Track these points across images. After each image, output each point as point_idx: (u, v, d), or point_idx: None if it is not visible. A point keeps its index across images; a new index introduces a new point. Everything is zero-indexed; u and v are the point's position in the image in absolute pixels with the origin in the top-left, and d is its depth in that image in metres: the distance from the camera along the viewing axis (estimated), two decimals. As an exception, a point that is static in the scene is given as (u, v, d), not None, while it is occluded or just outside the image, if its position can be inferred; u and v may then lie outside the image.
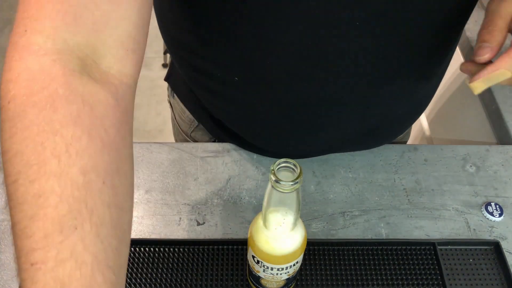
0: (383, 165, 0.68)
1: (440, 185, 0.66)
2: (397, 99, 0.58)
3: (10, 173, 0.33)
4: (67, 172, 0.32)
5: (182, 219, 0.61)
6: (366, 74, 0.51)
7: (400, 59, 0.51)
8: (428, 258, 0.58)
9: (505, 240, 0.60)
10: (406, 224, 0.61)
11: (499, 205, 0.63)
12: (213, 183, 0.65)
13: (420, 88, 0.58)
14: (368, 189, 0.65)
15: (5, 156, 0.34)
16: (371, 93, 0.54)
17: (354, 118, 0.58)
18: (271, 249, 0.45)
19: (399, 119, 0.63)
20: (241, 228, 0.60)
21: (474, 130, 0.93)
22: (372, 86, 0.53)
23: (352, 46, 0.48)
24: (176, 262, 0.57)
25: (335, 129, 0.60)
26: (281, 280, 0.49)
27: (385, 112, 0.59)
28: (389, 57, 0.50)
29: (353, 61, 0.49)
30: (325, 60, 0.49)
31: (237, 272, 0.56)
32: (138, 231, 0.60)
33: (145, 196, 0.63)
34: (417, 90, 0.58)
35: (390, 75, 0.53)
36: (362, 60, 0.49)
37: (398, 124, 0.66)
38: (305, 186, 0.65)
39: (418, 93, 0.59)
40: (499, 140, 0.79)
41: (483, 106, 0.86)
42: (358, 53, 0.48)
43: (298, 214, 0.43)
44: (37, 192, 0.32)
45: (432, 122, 1.18)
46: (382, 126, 0.62)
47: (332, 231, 0.60)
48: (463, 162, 0.68)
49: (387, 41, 0.48)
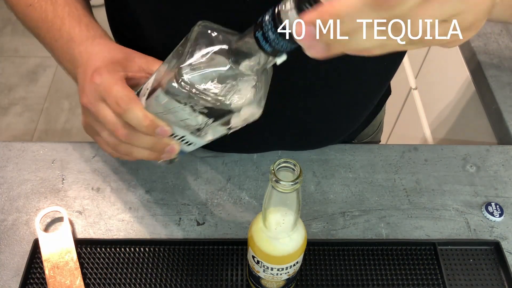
0: (383, 165, 0.68)
1: (440, 185, 0.65)
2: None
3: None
4: None
5: (182, 219, 0.61)
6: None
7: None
8: (428, 258, 0.58)
9: (505, 240, 0.60)
10: (406, 224, 0.61)
11: (499, 205, 0.63)
12: (213, 183, 0.65)
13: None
14: (368, 189, 0.65)
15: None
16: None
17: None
18: (271, 249, 0.45)
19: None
20: (241, 228, 0.60)
21: (474, 130, 0.93)
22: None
23: None
24: (176, 262, 0.57)
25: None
26: (281, 280, 0.49)
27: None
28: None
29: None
30: None
31: (237, 272, 0.56)
32: (138, 231, 0.60)
33: (145, 196, 0.63)
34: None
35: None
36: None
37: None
38: (305, 186, 0.65)
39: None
40: (499, 140, 0.79)
41: (483, 106, 0.86)
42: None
43: (298, 214, 0.43)
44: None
45: (432, 122, 1.18)
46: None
47: (332, 231, 0.60)
48: (464, 162, 0.68)
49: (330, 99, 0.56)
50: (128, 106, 0.42)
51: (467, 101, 0.98)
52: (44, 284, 0.54)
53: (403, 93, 1.35)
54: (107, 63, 0.46)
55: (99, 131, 0.48)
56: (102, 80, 0.44)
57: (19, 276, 0.55)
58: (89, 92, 0.45)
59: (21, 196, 0.62)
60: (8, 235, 0.59)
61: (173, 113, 0.42)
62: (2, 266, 0.56)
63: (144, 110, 0.43)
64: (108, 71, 0.45)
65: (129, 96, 0.43)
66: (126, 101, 0.43)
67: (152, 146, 0.46)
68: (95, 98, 0.45)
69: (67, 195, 0.63)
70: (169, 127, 0.44)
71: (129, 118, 0.43)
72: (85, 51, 0.49)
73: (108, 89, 0.44)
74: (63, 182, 0.64)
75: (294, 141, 0.67)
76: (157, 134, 0.44)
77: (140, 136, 0.45)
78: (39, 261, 0.56)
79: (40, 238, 0.57)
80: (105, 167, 0.66)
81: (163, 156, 0.48)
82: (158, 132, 0.43)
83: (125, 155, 0.48)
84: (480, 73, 0.85)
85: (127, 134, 0.44)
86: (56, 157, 0.67)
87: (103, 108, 0.45)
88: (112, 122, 0.44)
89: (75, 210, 0.61)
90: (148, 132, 0.43)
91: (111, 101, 0.43)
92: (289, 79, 0.54)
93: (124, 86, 0.44)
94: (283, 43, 0.34)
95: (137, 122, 0.43)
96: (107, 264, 0.56)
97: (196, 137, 0.46)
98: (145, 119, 0.42)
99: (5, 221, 0.60)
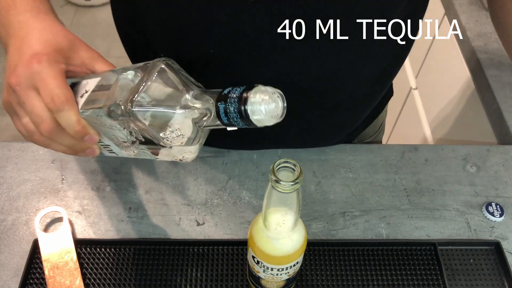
0: (383, 165, 0.68)
1: (440, 185, 0.65)
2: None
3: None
4: None
5: (182, 219, 0.61)
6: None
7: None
8: (429, 258, 0.58)
9: (505, 240, 0.60)
10: (407, 224, 0.61)
11: (500, 205, 0.63)
12: (213, 183, 0.65)
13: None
14: (368, 189, 0.65)
15: None
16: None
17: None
18: (271, 249, 0.45)
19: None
20: (241, 229, 0.60)
21: (474, 130, 0.93)
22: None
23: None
24: (176, 263, 0.57)
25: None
26: (281, 280, 0.49)
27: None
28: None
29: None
30: None
31: (237, 272, 0.56)
32: (138, 231, 0.59)
33: (145, 196, 0.63)
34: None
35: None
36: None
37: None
38: (305, 186, 0.65)
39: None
40: (499, 140, 0.79)
41: (484, 106, 0.86)
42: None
43: (298, 214, 0.43)
44: None
45: (432, 122, 1.18)
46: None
47: (332, 231, 0.60)
48: (464, 162, 0.68)
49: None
50: (63, 107, 0.41)
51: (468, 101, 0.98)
52: (44, 284, 0.54)
53: (403, 93, 1.35)
54: (49, 50, 0.43)
55: (21, 115, 0.45)
56: (40, 69, 0.42)
57: (18, 276, 0.55)
58: (22, 75, 0.42)
59: (21, 196, 0.62)
60: (8, 235, 0.58)
61: (108, 128, 0.43)
62: (2, 266, 0.56)
63: (78, 115, 0.42)
64: (49, 60, 0.42)
65: (66, 96, 0.41)
66: (63, 101, 0.41)
67: (73, 146, 0.45)
68: (27, 84, 0.42)
69: (67, 195, 0.63)
70: (98, 136, 0.43)
71: (61, 118, 0.41)
72: (25, 23, 0.45)
73: (45, 81, 0.41)
74: (62, 182, 0.64)
75: (294, 138, 0.67)
76: (84, 140, 0.43)
77: (65, 135, 0.43)
78: (39, 261, 0.56)
79: (39, 238, 0.56)
80: (105, 167, 0.66)
81: (80, 155, 0.47)
82: (86, 139, 0.43)
83: (39, 144, 0.46)
84: (480, 73, 0.85)
85: (51, 130, 0.43)
86: (55, 157, 0.66)
87: (34, 97, 0.42)
88: (39, 114, 0.42)
89: (75, 210, 0.61)
90: (76, 136, 0.42)
91: (46, 95, 0.41)
92: (290, 79, 0.54)
93: (63, 82, 0.42)
94: (240, 122, 0.36)
95: (68, 125, 0.42)
96: (106, 264, 0.56)
97: (121, 149, 0.46)
98: (78, 124, 0.42)
99: (4, 221, 0.60)
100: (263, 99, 0.34)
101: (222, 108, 0.36)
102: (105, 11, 2.33)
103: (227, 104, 0.35)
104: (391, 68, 0.61)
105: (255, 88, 0.35)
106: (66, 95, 0.41)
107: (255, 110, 0.34)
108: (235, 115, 0.35)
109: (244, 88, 0.35)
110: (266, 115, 0.35)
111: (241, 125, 0.36)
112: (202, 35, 0.50)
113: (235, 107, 0.35)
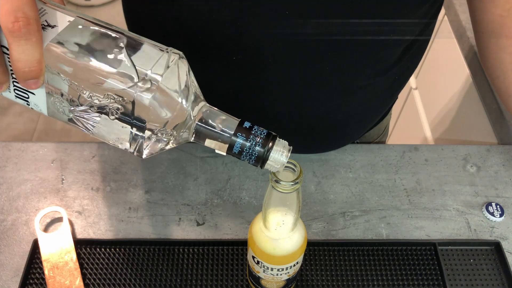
0: (383, 165, 0.68)
1: (440, 185, 0.65)
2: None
3: None
4: None
5: (182, 219, 0.61)
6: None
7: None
8: (429, 258, 0.58)
9: (506, 241, 0.60)
10: (407, 224, 0.61)
11: (500, 205, 0.63)
12: (213, 183, 0.65)
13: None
14: (368, 189, 0.65)
15: None
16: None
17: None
18: (271, 249, 0.45)
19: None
20: (241, 229, 0.60)
21: (475, 130, 0.93)
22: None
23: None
24: (176, 263, 0.57)
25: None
26: (281, 280, 0.49)
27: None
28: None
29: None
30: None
31: (237, 272, 0.56)
32: (138, 231, 0.59)
33: (145, 196, 0.63)
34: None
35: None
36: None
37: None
38: (305, 186, 0.65)
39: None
40: (500, 140, 0.79)
41: (484, 106, 0.86)
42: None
43: (298, 214, 0.43)
44: None
45: (432, 122, 1.18)
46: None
47: (332, 231, 0.60)
48: (464, 162, 0.68)
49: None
50: (29, 36, 0.32)
51: (468, 101, 0.98)
52: (44, 285, 0.54)
53: (403, 93, 1.35)
54: None
55: None
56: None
57: (18, 277, 0.55)
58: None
59: (21, 196, 0.62)
60: (8, 235, 0.58)
61: (66, 84, 0.35)
62: (2, 266, 0.56)
63: (42, 55, 0.33)
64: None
65: (38, 25, 0.33)
66: (34, 29, 0.32)
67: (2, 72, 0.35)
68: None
69: (67, 195, 0.63)
70: (42, 84, 0.35)
71: (22, 47, 0.32)
72: None
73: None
74: (62, 182, 0.64)
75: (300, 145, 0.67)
76: (24, 81, 0.34)
77: (3, 57, 0.35)
78: (39, 261, 0.56)
79: (39, 238, 0.56)
80: (105, 167, 0.66)
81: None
82: (28, 82, 0.34)
83: None
84: (480, 72, 0.85)
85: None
86: (55, 157, 0.66)
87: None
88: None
89: (75, 210, 0.61)
90: (21, 73, 0.33)
91: (12, 7, 0.31)
92: (299, 88, 0.54)
93: (36, 7, 0.33)
94: (250, 160, 0.38)
95: (25, 58, 0.33)
96: (106, 264, 0.56)
97: (50, 104, 0.38)
98: (38, 64, 0.33)
99: (4, 221, 0.60)
100: (282, 151, 0.37)
101: (240, 141, 0.37)
102: (105, 11, 2.33)
103: (249, 141, 0.37)
104: (403, 77, 0.62)
105: (279, 140, 0.38)
106: (37, 21, 0.32)
107: (276, 159, 0.37)
108: (253, 154, 0.37)
109: (266, 133, 0.37)
110: (277, 165, 0.38)
111: (247, 161, 0.38)
112: (226, 41, 0.50)
113: (257, 149, 0.37)
